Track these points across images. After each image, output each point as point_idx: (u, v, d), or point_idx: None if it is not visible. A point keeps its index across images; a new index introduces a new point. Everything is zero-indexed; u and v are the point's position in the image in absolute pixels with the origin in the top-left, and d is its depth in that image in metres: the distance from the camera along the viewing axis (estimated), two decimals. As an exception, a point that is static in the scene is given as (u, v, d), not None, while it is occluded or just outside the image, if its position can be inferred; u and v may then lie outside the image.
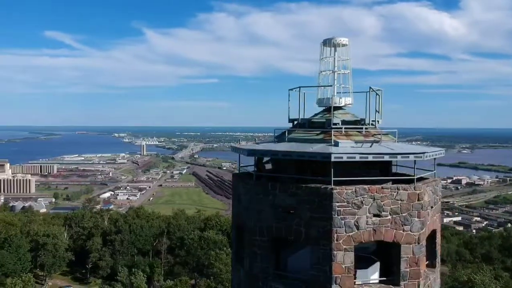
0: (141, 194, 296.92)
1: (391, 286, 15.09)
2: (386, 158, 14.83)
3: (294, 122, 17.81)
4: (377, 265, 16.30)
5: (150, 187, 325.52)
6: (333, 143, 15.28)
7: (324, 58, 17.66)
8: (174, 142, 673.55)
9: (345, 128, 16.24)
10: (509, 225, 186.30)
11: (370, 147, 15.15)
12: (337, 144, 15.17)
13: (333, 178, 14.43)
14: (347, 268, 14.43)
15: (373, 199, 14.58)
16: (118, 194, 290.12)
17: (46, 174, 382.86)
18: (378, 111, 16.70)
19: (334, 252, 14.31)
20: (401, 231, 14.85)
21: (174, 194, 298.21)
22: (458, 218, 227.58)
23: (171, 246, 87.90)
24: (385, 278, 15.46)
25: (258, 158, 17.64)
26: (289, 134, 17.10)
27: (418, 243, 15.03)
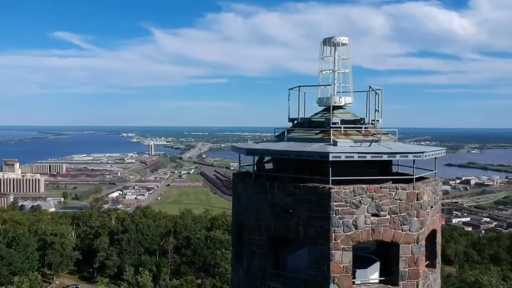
0: (149, 193, 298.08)
1: (390, 286, 15.04)
2: (385, 157, 14.76)
3: (294, 121, 17.80)
4: (377, 265, 16.24)
5: (158, 187, 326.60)
6: (331, 143, 15.27)
7: (324, 57, 17.64)
8: (182, 142, 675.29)
9: (344, 127, 16.21)
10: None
11: (368, 147, 15.10)
12: (335, 143, 15.14)
13: (331, 178, 14.40)
14: (345, 267, 14.39)
15: (371, 199, 14.53)
16: (126, 194, 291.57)
17: (55, 173, 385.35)
18: (378, 111, 16.64)
19: (332, 251, 14.28)
20: (399, 231, 14.78)
21: (182, 194, 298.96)
22: (467, 219, 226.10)
23: (178, 246, 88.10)
24: (383, 278, 15.42)
25: (258, 158, 17.69)
26: (288, 134, 17.09)
27: (417, 243, 14.96)
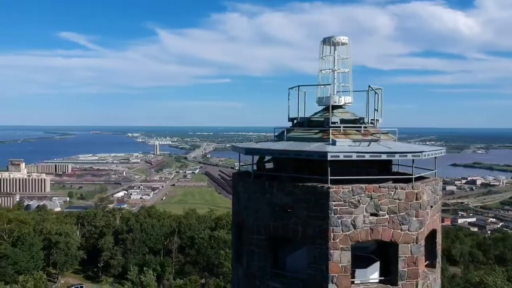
0: (154, 193, 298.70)
1: (389, 286, 15.00)
2: (384, 157, 14.71)
3: (293, 121, 17.79)
4: (377, 264, 16.21)
5: (163, 187, 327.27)
6: (330, 142, 15.25)
7: (323, 56, 17.62)
8: (187, 142, 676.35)
9: (343, 127, 16.18)
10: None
11: (367, 146, 15.08)
12: (334, 143, 15.12)
13: (329, 177, 14.39)
14: (344, 267, 14.36)
15: (370, 198, 14.50)
16: (131, 194, 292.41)
17: (61, 173, 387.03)
18: (378, 110, 16.60)
19: (331, 251, 14.25)
20: (398, 231, 14.74)
21: (187, 193, 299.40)
22: (473, 219, 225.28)
23: (182, 245, 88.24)
24: (382, 278, 15.38)
25: (259, 157, 17.73)
26: (288, 133, 17.08)
27: (416, 243, 14.90)
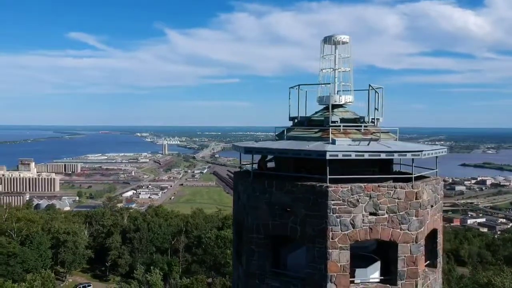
0: (162, 193, 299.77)
1: (388, 285, 14.96)
2: (383, 156, 14.66)
3: (294, 120, 17.79)
4: (377, 264, 16.15)
5: (171, 186, 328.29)
6: (330, 141, 15.23)
7: (324, 55, 17.60)
8: (195, 141, 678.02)
9: (343, 126, 16.16)
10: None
11: (367, 145, 15.04)
12: (334, 142, 15.10)
13: (328, 176, 14.37)
14: (343, 266, 14.34)
15: (369, 197, 14.46)
16: (140, 193, 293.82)
17: (70, 173, 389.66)
18: (378, 109, 16.55)
19: (329, 250, 14.25)
20: (398, 230, 14.69)
21: (195, 193, 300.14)
22: (483, 220, 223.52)
23: (189, 245, 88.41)
24: (382, 277, 15.33)
25: (261, 157, 17.77)
26: (288, 132, 17.10)
27: (416, 242, 14.85)
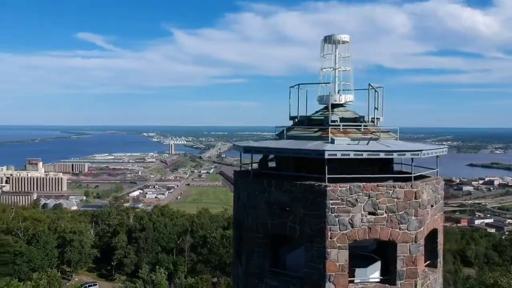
0: (169, 192, 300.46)
1: (388, 285, 14.91)
2: (382, 155, 14.62)
3: (294, 119, 17.78)
4: (378, 264, 16.10)
5: (178, 186, 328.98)
6: (329, 140, 15.21)
7: (325, 55, 17.57)
8: (202, 141, 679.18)
9: (343, 125, 16.13)
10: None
11: (366, 145, 15.00)
12: (333, 141, 15.08)
13: (327, 175, 14.34)
14: (341, 266, 14.31)
15: (368, 197, 14.42)
16: (146, 193, 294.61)
17: (78, 172, 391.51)
18: (378, 108, 16.50)
19: (328, 250, 14.22)
20: (397, 230, 14.64)
21: (202, 193, 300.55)
22: (490, 220, 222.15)
23: (194, 244, 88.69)
24: (381, 277, 15.29)
25: (262, 156, 17.79)
26: (288, 132, 17.09)
27: (415, 242, 14.79)
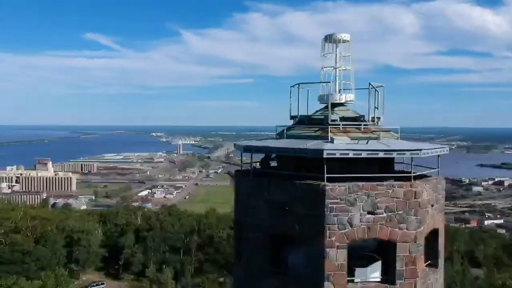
0: (177, 192, 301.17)
1: (387, 285, 14.86)
2: (381, 154, 14.59)
3: (294, 119, 17.78)
4: (378, 264, 16.05)
5: (186, 186, 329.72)
6: (329, 140, 15.18)
7: (325, 54, 17.55)
8: (210, 141, 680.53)
9: (343, 124, 16.10)
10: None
11: (365, 144, 14.97)
12: (332, 140, 15.05)
13: (326, 175, 14.32)
14: (340, 265, 14.29)
15: (367, 196, 14.40)
16: (155, 193, 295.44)
17: (87, 172, 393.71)
18: (378, 108, 16.46)
19: (327, 249, 14.21)
20: (396, 229, 14.60)
21: (210, 193, 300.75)
22: (500, 221, 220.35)
23: (201, 244, 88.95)
24: (382, 277, 15.24)
25: (264, 156, 17.82)
26: (288, 131, 17.10)
27: (415, 242, 14.74)
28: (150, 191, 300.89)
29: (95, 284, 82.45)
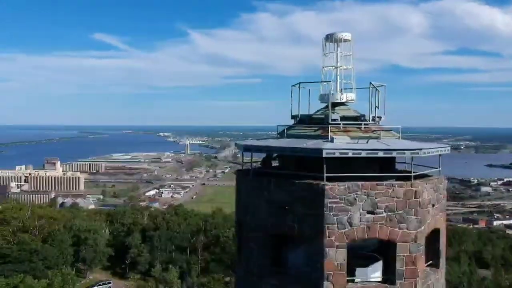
0: (184, 192, 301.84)
1: (387, 285, 14.81)
2: (380, 154, 14.54)
3: (295, 118, 17.77)
4: (379, 263, 16.00)
5: (193, 186, 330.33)
6: (329, 139, 15.15)
7: (326, 53, 17.52)
8: (217, 141, 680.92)
9: (343, 124, 16.06)
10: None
11: (365, 143, 14.92)
12: (332, 140, 15.02)
13: (325, 174, 14.29)
14: (340, 265, 14.26)
15: (366, 196, 14.35)
16: (162, 192, 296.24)
17: (95, 172, 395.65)
18: (378, 107, 16.40)
19: (326, 248, 14.18)
20: (396, 229, 14.54)
21: (217, 193, 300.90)
22: (509, 221, 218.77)
23: (207, 244, 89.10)
24: (382, 277, 15.19)
25: (266, 155, 17.84)
26: (289, 130, 17.09)
27: (415, 242, 14.67)
28: (158, 191, 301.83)
29: (102, 283, 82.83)
